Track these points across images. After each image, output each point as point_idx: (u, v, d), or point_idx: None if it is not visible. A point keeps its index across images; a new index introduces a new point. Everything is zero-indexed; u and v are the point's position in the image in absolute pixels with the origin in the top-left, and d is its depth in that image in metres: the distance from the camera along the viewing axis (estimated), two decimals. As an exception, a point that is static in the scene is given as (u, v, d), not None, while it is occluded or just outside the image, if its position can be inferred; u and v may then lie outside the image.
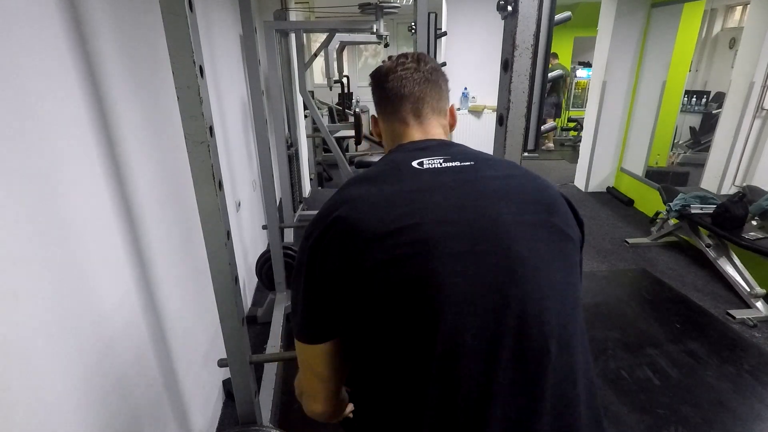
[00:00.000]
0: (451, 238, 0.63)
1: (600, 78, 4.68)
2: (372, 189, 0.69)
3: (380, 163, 0.78)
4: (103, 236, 1.05)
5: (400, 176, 0.71)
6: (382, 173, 0.73)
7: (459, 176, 0.70)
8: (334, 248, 0.65)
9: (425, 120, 0.83)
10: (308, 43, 7.41)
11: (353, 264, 0.63)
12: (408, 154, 0.76)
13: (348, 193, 0.70)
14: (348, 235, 0.64)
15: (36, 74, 0.84)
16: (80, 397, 0.92)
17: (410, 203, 0.66)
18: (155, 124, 1.39)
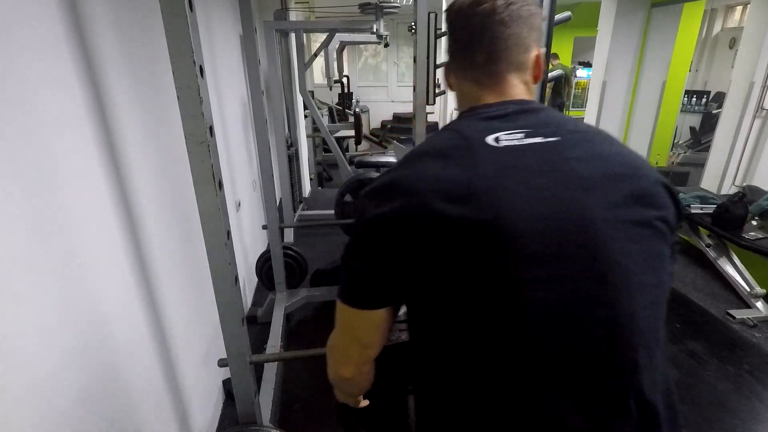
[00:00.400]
0: (534, 238, 0.57)
1: (600, 78, 4.68)
2: (444, 170, 0.61)
3: (450, 132, 0.68)
4: (103, 236, 1.05)
5: (474, 157, 0.61)
6: (453, 149, 0.63)
7: (542, 157, 0.61)
8: (404, 227, 0.60)
9: (501, 80, 0.70)
10: (308, 43, 7.41)
11: (423, 249, 0.59)
12: (481, 124, 0.66)
13: (418, 170, 0.63)
14: (417, 219, 0.59)
15: (36, 74, 0.84)
16: (80, 396, 0.92)
17: (487, 192, 0.58)
18: (155, 124, 1.39)
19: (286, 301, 2.50)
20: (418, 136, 2.23)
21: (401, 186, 0.62)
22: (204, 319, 1.76)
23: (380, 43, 3.32)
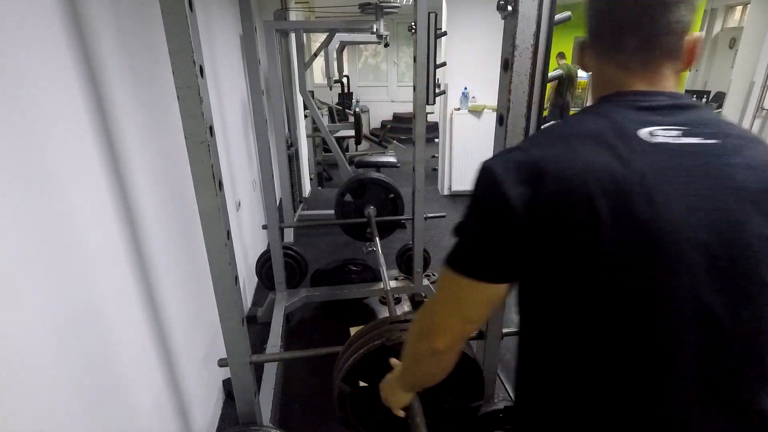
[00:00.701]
0: (689, 248, 0.55)
1: (600, 78, 4.67)
2: (598, 159, 0.57)
3: (597, 116, 0.62)
4: (103, 236, 1.05)
5: (629, 149, 0.57)
6: (605, 136, 0.58)
7: (702, 161, 0.57)
8: (559, 216, 0.57)
9: (654, 69, 0.63)
10: (308, 42, 7.41)
11: (569, 239, 0.57)
12: (633, 113, 0.61)
13: (571, 154, 0.58)
14: (576, 210, 0.56)
15: (36, 74, 0.84)
16: (80, 396, 0.92)
17: (643, 192, 0.55)
18: (155, 124, 1.39)
19: (286, 301, 2.50)
20: (418, 135, 2.24)
21: (553, 170, 0.57)
22: (204, 319, 1.76)
23: (380, 43, 3.32)
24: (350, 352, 0.96)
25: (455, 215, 4.35)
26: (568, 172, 0.57)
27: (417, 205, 2.43)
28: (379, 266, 2.17)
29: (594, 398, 0.62)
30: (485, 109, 4.58)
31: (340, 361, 0.99)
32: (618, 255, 0.55)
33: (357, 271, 2.73)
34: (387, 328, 0.94)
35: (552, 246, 0.58)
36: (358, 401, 0.98)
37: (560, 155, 0.59)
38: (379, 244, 2.31)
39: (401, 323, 0.95)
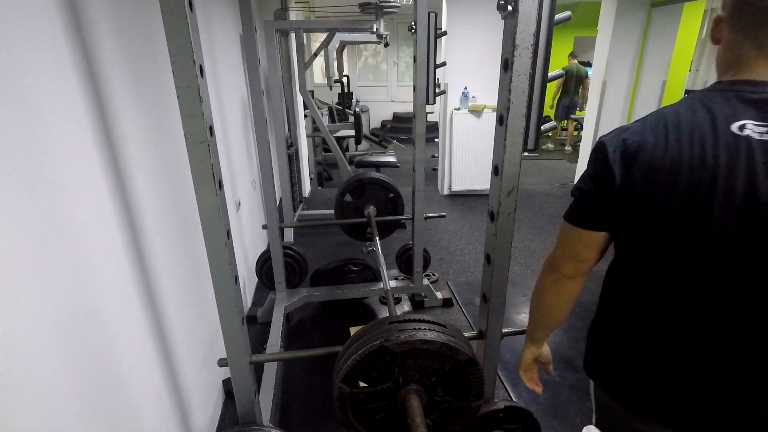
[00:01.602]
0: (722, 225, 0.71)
1: (600, 78, 4.67)
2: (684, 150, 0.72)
3: (702, 107, 0.73)
4: (104, 236, 1.05)
5: (715, 143, 0.70)
6: (699, 128, 0.72)
7: None
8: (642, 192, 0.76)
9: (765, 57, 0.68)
10: (308, 42, 7.41)
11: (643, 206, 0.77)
12: (735, 106, 0.70)
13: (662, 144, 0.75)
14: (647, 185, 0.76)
15: (36, 74, 0.84)
16: (80, 396, 0.92)
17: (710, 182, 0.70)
18: (155, 124, 1.39)
19: (286, 300, 2.50)
20: (418, 135, 2.24)
21: (646, 158, 0.75)
22: (204, 319, 1.76)
23: (380, 43, 3.32)
24: (350, 352, 0.96)
25: (455, 215, 4.35)
26: (656, 162, 0.74)
27: (417, 205, 2.43)
28: (379, 266, 2.17)
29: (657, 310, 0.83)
30: (485, 108, 4.58)
31: (339, 361, 0.99)
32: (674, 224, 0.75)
33: (357, 270, 2.73)
34: (386, 328, 0.94)
35: (636, 210, 0.79)
36: (359, 402, 0.98)
37: (656, 145, 0.75)
38: (378, 244, 2.31)
39: (402, 323, 0.95)
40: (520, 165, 0.97)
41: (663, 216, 0.76)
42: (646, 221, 0.78)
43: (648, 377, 0.87)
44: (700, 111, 0.74)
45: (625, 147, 0.78)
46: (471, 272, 3.23)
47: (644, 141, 0.76)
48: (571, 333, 2.50)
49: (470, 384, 0.99)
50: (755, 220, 0.69)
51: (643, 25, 4.42)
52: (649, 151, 0.75)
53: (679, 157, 0.72)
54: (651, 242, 0.80)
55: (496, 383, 1.44)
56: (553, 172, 5.90)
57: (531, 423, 1.23)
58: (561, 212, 4.60)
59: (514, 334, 1.25)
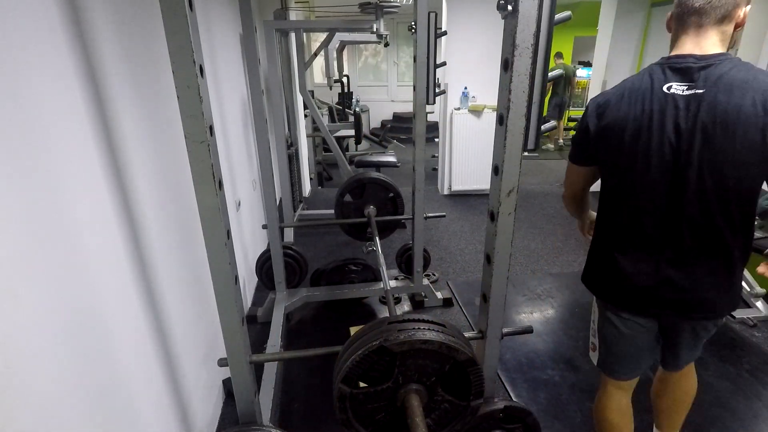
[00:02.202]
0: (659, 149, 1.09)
1: (600, 77, 4.67)
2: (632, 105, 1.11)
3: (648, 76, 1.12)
4: (103, 236, 1.05)
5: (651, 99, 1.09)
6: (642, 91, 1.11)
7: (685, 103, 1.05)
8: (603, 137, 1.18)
9: (703, 33, 1.08)
10: (308, 42, 7.41)
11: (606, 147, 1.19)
12: (666, 74, 1.09)
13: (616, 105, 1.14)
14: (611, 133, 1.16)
15: (36, 74, 0.84)
16: (80, 396, 0.92)
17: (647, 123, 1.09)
18: (155, 124, 1.39)
19: (286, 300, 2.50)
20: (418, 135, 2.24)
21: (608, 113, 1.16)
22: (204, 319, 1.76)
23: (380, 43, 3.32)
24: (350, 352, 0.96)
25: (455, 215, 4.35)
26: (614, 114, 1.14)
27: (417, 205, 2.43)
28: (378, 266, 2.17)
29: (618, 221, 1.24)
30: (485, 108, 4.58)
31: (339, 361, 0.99)
32: (628, 155, 1.14)
33: (357, 270, 2.73)
34: (386, 328, 0.94)
35: (603, 150, 1.20)
36: (359, 402, 0.98)
37: (616, 103, 1.14)
38: (378, 244, 2.31)
39: (401, 323, 0.95)
40: (520, 165, 0.97)
41: (620, 152, 1.15)
42: (610, 157, 1.18)
43: (616, 277, 1.26)
44: (645, 78, 1.12)
45: (597, 106, 1.19)
46: (471, 272, 3.23)
47: (609, 101, 1.16)
48: (571, 333, 2.50)
49: (470, 383, 1.00)
50: (680, 145, 1.07)
51: (643, 25, 4.42)
52: (612, 108, 1.15)
53: (627, 110, 1.12)
54: (614, 171, 1.20)
55: (496, 383, 1.44)
56: (553, 172, 5.91)
57: (531, 423, 1.23)
58: (561, 212, 4.60)
59: (514, 333, 1.25)
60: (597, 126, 1.17)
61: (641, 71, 1.15)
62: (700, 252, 1.14)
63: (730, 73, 1.02)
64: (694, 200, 1.09)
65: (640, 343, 1.34)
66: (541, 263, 3.36)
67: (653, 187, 1.12)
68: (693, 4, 1.07)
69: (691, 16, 1.08)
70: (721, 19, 1.07)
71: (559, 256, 3.47)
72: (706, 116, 1.02)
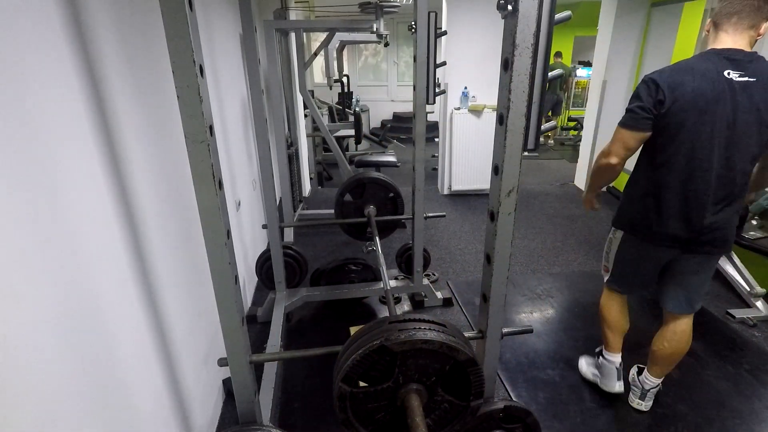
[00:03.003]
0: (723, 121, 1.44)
1: (600, 77, 4.67)
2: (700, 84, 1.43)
3: (707, 60, 1.45)
4: (103, 236, 1.05)
5: (717, 80, 1.43)
6: (707, 73, 1.43)
7: (743, 86, 1.42)
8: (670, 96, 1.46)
9: (738, 32, 1.45)
10: (308, 42, 7.41)
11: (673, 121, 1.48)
12: (723, 62, 1.44)
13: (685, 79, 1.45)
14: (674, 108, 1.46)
15: (36, 73, 0.84)
16: (80, 395, 0.92)
17: (716, 100, 1.42)
18: (155, 123, 1.39)
19: (286, 300, 2.51)
20: (418, 135, 2.24)
21: (674, 91, 1.45)
22: (204, 319, 1.76)
23: (380, 43, 3.32)
24: (350, 351, 0.96)
25: (455, 215, 4.35)
26: (678, 92, 1.44)
27: (417, 205, 2.43)
28: (378, 266, 2.17)
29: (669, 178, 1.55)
30: (485, 108, 4.58)
31: (340, 360, 0.99)
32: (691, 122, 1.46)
33: (357, 270, 2.73)
34: (386, 328, 0.94)
35: (669, 120, 1.48)
36: (359, 401, 0.98)
37: (690, 82, 1.44)
38: (378, 244, 2.31)
39: (402, 323, 0.95)
40: (520, 165, 0.97)
41: (690, 119, 1.46)
42: (679, 123, 1.47)
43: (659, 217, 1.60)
44: (707, 63, 1.45)
45: (669, 82, 1.46)
46: (471, 272, 3.23)
47: (681, 79, 1.45)
48: (571, 333, 2.50)
49: (470, 383, 1.00)
50: (737, 117, 1.44)
51: (643, 25, 4.42)
52: (686, 85, 1.44)
53: (701, 88, 1.43)
54: (678, 135, 1.49)
55: (496, 383, 1.44)
56: (553, 172, 5.91)
57: (531, 423, 1.24)
58: (561, 212, 4.59)
59: (514, 333, 1.25)
60: (672, 98, 1.45)
61: (698, 57, 1.48)
62: (729, 201, 1.53)
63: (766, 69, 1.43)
64: (740, 164, 1.48)
65: (647, 270, 1.76)
66: (541, 263, 3.36)
67: (713, 152, 1.47)
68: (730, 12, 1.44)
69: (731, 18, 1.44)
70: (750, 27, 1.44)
71: (559, 256, 3.47)
72: (759, 99, 1.41)
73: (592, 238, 3.76)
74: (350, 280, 2.73)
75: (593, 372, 2.08)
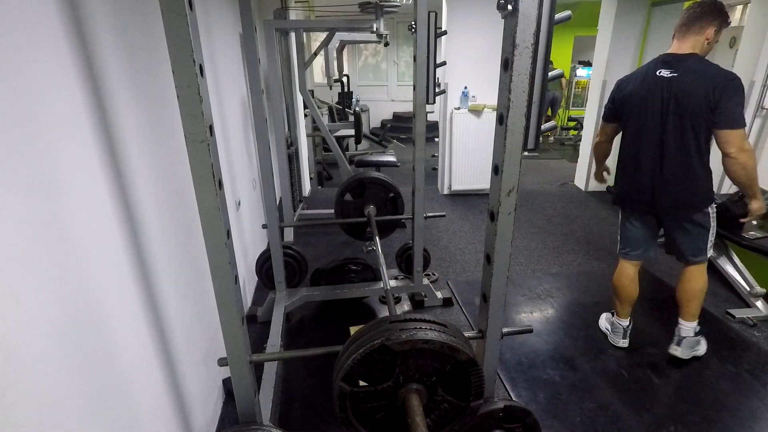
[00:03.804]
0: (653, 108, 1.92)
1: (600, 77, 4.67)
2: (638, 81, 1.96)
3: (651, 63, 1.95)
4: (103, 235, 1.05)
5: (649, 78, 1.92)
6: (646, 73, 1.94)
7: (667, 81, 1.86)
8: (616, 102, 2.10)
9: (683, 39, 1.89)
10: (308, 42, 7.40)
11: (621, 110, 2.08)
12: (658, 63, 1.91)
13: (632, 78, 2.01)
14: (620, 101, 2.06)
15: (36, 74, 0.84)
16: (80, 396, 0.92)
17: (645, 93, 1.94)
18: (155, 123, 1.39)
19: (286, 300, 2.51)
20: (418, 135, 2.24)
21: (624, 87, 2.04)
22: (204, 319, 1.76)
23: (380, 42, 3.32)
24: (350, 351, 0.96)
25: (455, 214, 4.35)
26: (628, 88, 2.03)
27: (417, 205, 2.43)
28: (378, 265, 2.17)
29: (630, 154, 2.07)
30: (485, 108, 4.58)
31: (340, 360, 0.99)
32: (634, 112, 2.01)
33: (357, 270, 2.73)
34: (387, 328, 0.94)
35: (620, 112, 2.08)
36: (359, 401, 0.98)
37: (629, 80, 2.04)
38: (378, 244, 2.31)
39: (402, 322, 0.95)
40: (520, 165, 0.97)
41: (632, 110, 1.99)
42: (627, 114, 2.02)
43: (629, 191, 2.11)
44: (648, 67, 1.95)
45: (620, 83, 2.08)
46: (471, 272, 3.23)
47: (627, 80, 2.05)
48: (571, 333, 2.50)
49: (470, 383, 1.00)
50: (668, 104, 1.87)
51: (643, 25, 4.42)
52: (628, 84, 2.01)
53: (636, 86, 1.97)
54: (629, 123, 2.03)
55: (496, 383, 1.44)
56: (553, 171, 5.90)
57: (531, 422, 1.24)
58: (561, 212, 4.60)
59: (514, 333, 1.25)
60: (619, 95, 2.05)
61: (648, 63, 1.97)
62: (674, 169, 1.93)
63: (693, 65, 1.83)
64: (671, 138, 1.90)
65: (642, 234, 2.19)
66: (541, 263, 3.36)
67: (650, 131, 1.94)
68: (680, 24, 1.90)
69: (680, 28, 1.90)
70: (695, 33, 1.86)
71: (559, 256, 3.47)
72: (677, 89, 1.84)
73: (592, 238, 3.76)
74: (350, 280, 2.73)
75: (606, 326, 2.48)
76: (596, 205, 4.58)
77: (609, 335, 2.42)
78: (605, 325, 2.50)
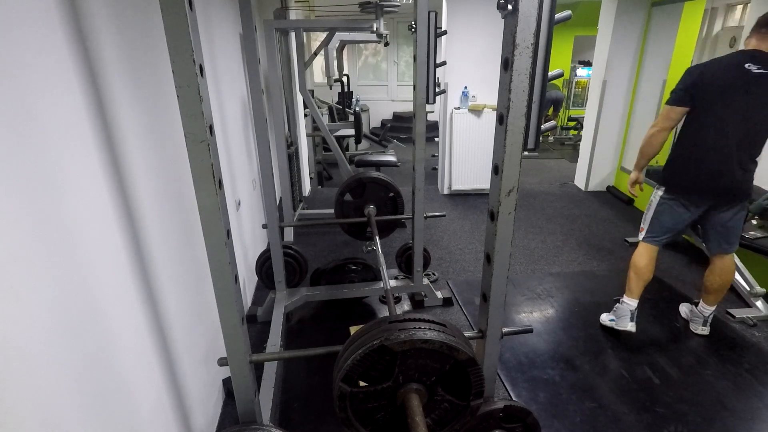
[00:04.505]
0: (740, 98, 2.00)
1: (600, 77, 4.67)
2: (725, 72, 2.00)
3: (735, 56, 2.01)
4: (103, 235, 1.05)
5: (738, 71, 1.97)
6: (732, 65, 1.99)
7: (757, 75, 1.94)
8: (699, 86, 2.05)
9: (763, 41, 1.98)
10: (308, 41, 7.40)
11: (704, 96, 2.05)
12: (747, 57, 1.97)
13: (714, 69, 2.03)
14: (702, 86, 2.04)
15: (36, 73, 0.84)
16: (80, 396, 0.92)
17: (735, 84, 1.97)
18: (155, 123, 1.39)
19: (286, 300, 2.51)
20: (418, 134, 2.24)
21: (705, 76, 2.03)
22: (204, 319, 1.76)
23: (380, 42, 3.32)
24: (350, 351, 0.96)
25: (455, 214, 4.35)
26: (708, 77, 2.03)
27: (417, 204, 2.43)
28: (378, 265, 2.17)
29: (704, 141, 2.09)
30: (485, 108, 4.57)
31: (340, 360, 0.99)
32: (716, 100, 2.03)
33: (357, 270, 2.73)
34: (387, 328, 0.94)
35: (698, 98, 2.06)
36: (359, 401, 0.98)
37: (710, 70, 2.04)
38: (378, 243, 2.31)
39: (402, 322, 0.95)
40: (520, 164, 0.97)
41: (715, 98, 2.01)
42: (708, 101, 2.02)
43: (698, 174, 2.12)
44: (732, 59, 2.00)
45: (694, 71, 2.06)
46: (471, 271, 3.23)
47: (704, 69, 2.04)
48: (571, 333, 2.50)
49: (470, 383, 1.00)
50: (749, 97, 1.97)
51: (644, 25, 4.42)
52: (707, 72, 2.02)
53: (719, 75, 2.00)
54: (707, 110, 2.03)
55: (495, 382, 1.45)
56: (553, 171, 5.90)
57: (531, 422, 1.24)
58: (561, 212, 4.59)
59: (514, 333, 1.25)
60: (699, 81, 2.02)
61: (729, 55, 2.04)
62: (745, 160, 2.05)
63: None
64: (751, 131, 2.01)
65: (680, 223, 2.24)
66: (541, 263, 3.36)
67: (730, 121, 2.00)
68: (763, 23, 1.97)
69: (762, 27, 1.97)
70: None
71: (559, 256, 3.47)
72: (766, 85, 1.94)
73: (592, 238, 3.76)
74: (350, 280, 2.73)
75: (610, 319, 2.49)
76: (596, 205, 4.58)
77: (614, 324, 2.42)
78: (607, 320, 2.49)
